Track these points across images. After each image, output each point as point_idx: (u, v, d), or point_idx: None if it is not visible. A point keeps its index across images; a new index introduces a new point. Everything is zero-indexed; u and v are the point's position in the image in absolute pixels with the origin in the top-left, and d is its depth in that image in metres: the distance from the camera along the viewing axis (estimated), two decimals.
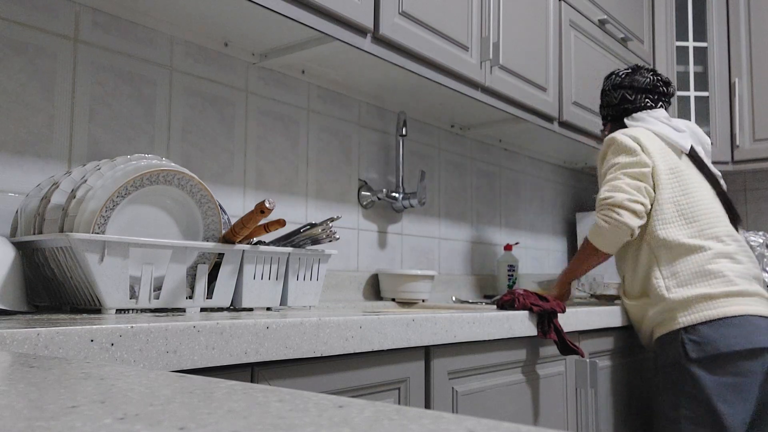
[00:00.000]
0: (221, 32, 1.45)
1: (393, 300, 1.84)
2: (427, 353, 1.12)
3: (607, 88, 1.87)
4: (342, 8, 1.36)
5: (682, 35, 2.80)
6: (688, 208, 1.64)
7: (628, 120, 1.80)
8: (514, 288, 1.79)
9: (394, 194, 1.89)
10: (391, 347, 1.00)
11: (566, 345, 1.36)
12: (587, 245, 1.67)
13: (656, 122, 1.76)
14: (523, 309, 1.33)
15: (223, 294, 1.08)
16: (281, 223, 1.10)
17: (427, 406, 1.11)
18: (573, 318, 1.46)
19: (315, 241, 1.21)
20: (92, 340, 0.66)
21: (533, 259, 2.66)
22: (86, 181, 0.98)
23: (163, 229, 1.04)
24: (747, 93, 2.75)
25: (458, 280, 2.22)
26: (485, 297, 2.28)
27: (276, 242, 1.21)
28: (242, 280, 1.10)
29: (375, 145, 1.95)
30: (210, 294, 1.07)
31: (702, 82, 2.78)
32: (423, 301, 1.84)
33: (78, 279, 0.94)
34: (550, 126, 2.12)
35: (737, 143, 2.74)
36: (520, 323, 1.29)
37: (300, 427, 0.26)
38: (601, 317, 1.59)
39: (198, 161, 1.47)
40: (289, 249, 1.17)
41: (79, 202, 0.96)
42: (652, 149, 1.68)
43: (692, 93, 2.77)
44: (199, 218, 1.07)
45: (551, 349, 1.43)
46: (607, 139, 1.72)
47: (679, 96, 2.78)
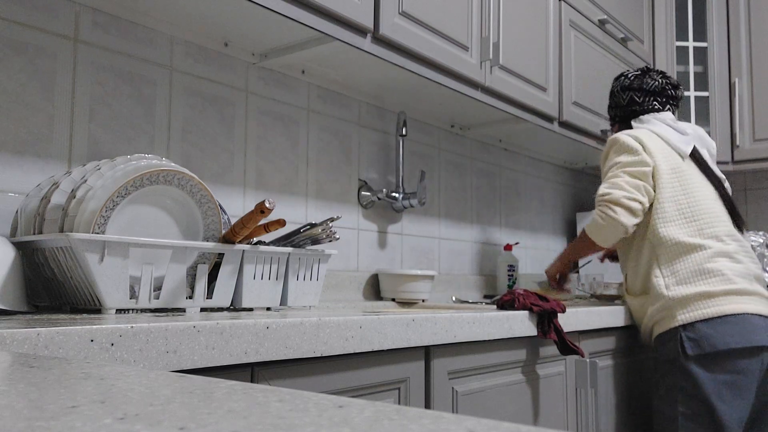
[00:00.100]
0: (221, 32, 1.45)
1: (393, 300, 1.84)
2: (427, 353, 1.12)
3: (616, 89, 1.89)
4: (342, 8, 1.36)
5: (682, 35, 2.80)
6: (689, 208, 1.66)
7: (635, 122, 1.83)
8: (514, 288, 1.79)
9: (394, 194, 1.89)
10: (391, 347, 1.00)
11: (566, 345, 1.36)
12: (584, 236, 1.71)
13: (660, 124, 1.78)
14: (523, 309, 1.33)
15: (223, 294, 1.08)
16: (281, 223, 1.10)
17: (427, 406, 1.11)
18: (573, 318, 1.46)
19: (315, 241, 1.21)
20: (92, 340, 0.66)
21: (533, 259, 2.66)
22: (86, 181, 0.98)
23: (163, 229, 1.04)
24: (747, 93, 2.75)
25: (458, 280, 2.22)
26: (485, 297, 2.28)
27: (276, 242, 1.21)
28: (242, 280, 1.10)
29: (375, 145, 1.95)
30: (210, 294, 1.07)
31: (702, 82, 2.78)
32: (423, 301, 1.84)
33: (78, 279, 0.94)
34: (550, 126, 2.12)
35: (737, 143, 2.74)
36: (520, 323, 1.29)
37: (300, 427, 0.26)
38: (601, 317, 1.59)
39: (198, 161, 1.47)
40: (289, 249, 1.17)
41: (79, 202, 0.96)
42: (654, 149, 1.70)
43: (692, 93, 2.77)
44: (199, 218, 1.07)
45: (551, 349, 1.43)
46: (610, 139, 1.75)
47: None
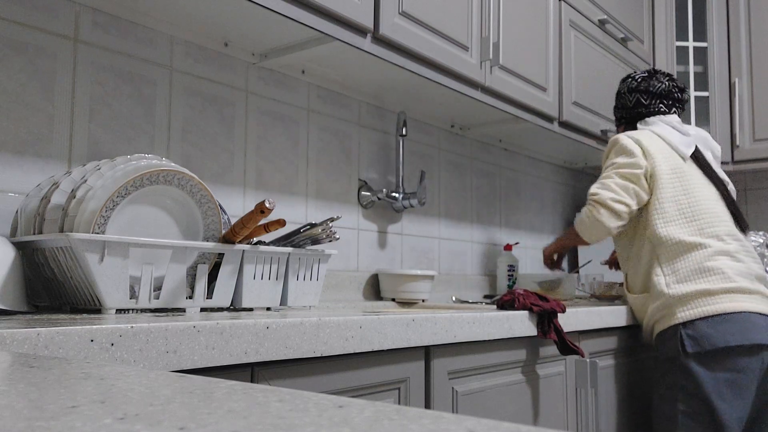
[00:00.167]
0: (221, 32, 1.45)
1: (393, 300, 1.84)
2: (427, 353, 1.12)
3: (623, 91, 1.90)
4: (342, 8, 1.36)
5: (682, 35, 2.80)
6: (689, 208, 1.67)
7: (640, 124, 1.85)
8: (514, 288, 1.79)
9: (394, 194, 1.89)
10: (391, 347, 1.00)
11: (566, 345, 1.36)
12: (573, 229, 1.79)
13: (663, 126, 1.79)
14: (523, 309, 1.33)
15: (223, 294, 1.08)
16: (281, 223, 1.10)
17: (427, 406, 1.11)
18: (573, 318, 1.46)
19: (315, 241, 1.21)
20: (92, 340, 0.66)
21: (533, 259, 2.66)
22: (86, 181, 0.98)
23: (163, 229, 1.04)
24: (747, 93, 2.75)
25: (458, 280, 2.22)
26: (485, 297, 2.28)
27: (276, 242, 1.21)
28: (242, 280, 1.10)
29: (375, 145, 1.95)
30: (210, 294, 1.07)
31: (702, 82, 2.78)
32: (423, 301, 1.84)
33: (78, 279, 0.94)
34: (550, 126, 2.12)
35: (737, 143, 2.74)
36: (520, 323, 1.29)
37: (300, 427, 0.26)
38: (601, 317, 1.59)
39: (198, 161, 1.47)
40: (289, 249, 1.17)
41: (79, 202, 0.96)
42: (654, 150, 1.71)
43: (692, 93, 2.77)
44: (199, 218, 1.07)
45: (551, 349, 1.43)
46: (611, 140, 1.78)
47: None
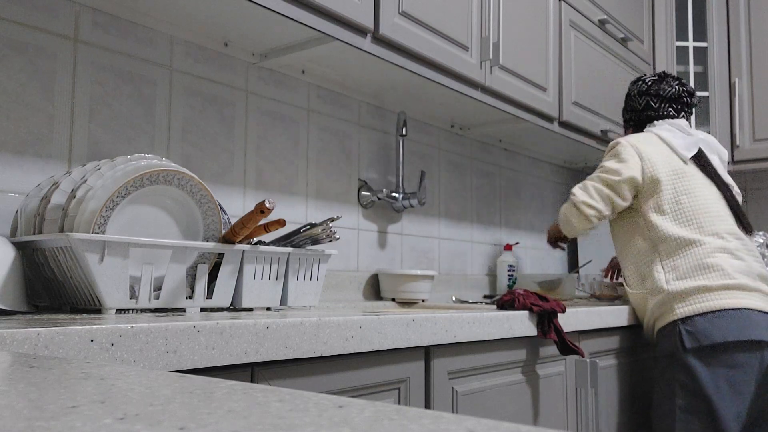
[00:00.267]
0: (221, 32, 1.45)
1: (393, 300, 1.84)
2: (427, 353, 1.11)
3: (633, 93, 1.92)
4: (342, 8, 1.36)
5: (682, 35, 2.80)
6: (689, 206, 1.69)
7: (647, 127, 1.86)
8: (514, 288, 1.79)
9: (394, 194, 1.89)
10: (391, 347, 1.00)
11: (566, 345, 1.36)
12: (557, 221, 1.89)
13: (667, 129, 1.81)
14: (523, 309, 1.33)
15: (223, 294, 1.08)
16: (281, 223, 1.10)
17: (427, 406, 1.11)
18: (573, 318, 1.46)
19: (315, 241, 1.21)
20: (92, 340, 0.66)
21: (533, 259, 2.66)
22: (86, 181, 0.98)
23: (163, 229, 1.04)
24: (747, 93, 2.75)
25: (458, 280, 2.22)
26: (485, 297, 2.28)
27: (276, 242, 1.21)
28: (242, 280, 1.10)
29: (375, 145, 1.94)
30: (210, 294, 1.07)
31: (702, 82, 2.78)
32: (423, 301, 1.84)
33: (78, 279, 0.94)
34: (550, 126, 2.12)
35: (737, 143, 2.74)
36: (520, 323, 1.29)
37: (300, 427, 0.26)
38: (601, 317, 1.59)
39: (198, 161, 1.47)
40: (289, 249, 1.17)
41: (79, 202, 0.96)
42: (654, 153, 1.73)
43: None
44: (199, 218, 1.07)
45: (551, 349, 1.43)
46: (611, 143, 1.80)
47: None
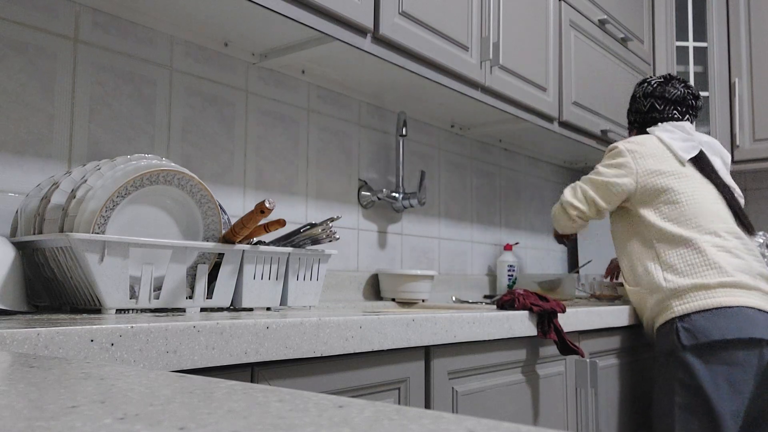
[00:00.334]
0: (221, 32, 1.45)
1: (393, 300, 1.84)
2: (427, 353, 1.11)
3: (638, 95, 1.93)
4: (342, 8, 1.36)
5: (682, 35, 2.80)
6: (686, 207, 1.70)
7: (651, 128, 1.87)
8: (514, 288, 1.79)
9: (394, 194, 1.89)
10: (391, 347, 1.00)
11: (566, 345, 1.36)
12: None
13: (668, 131, 1.82)
14: (523, 309, 1.33)
15: (223, 294, 1.08)
16: (281, 223, 1.10)
17: (427, 406, 1.11)
18: (573, 318, 1.46)
19: (315, 241, 1.21)
20: (92, 340, 0.66)
21: (533, 259, 2.66)
22: (86, 181, 0.98)
23: (163, 229, 1.04)
24: (747, 93, 2.75)
25: (458, 280, 2.22)
26: (485, 297, 2.28)
27: (276, 242, 1.21)
28: (242, 280, 1.10)
29: (375, 145, 1.94)
30: (210, 294, 1.07)
31: (702, 82, 2.78)
32: (423, 301, 1.84)
33: (78, 279, 0.94)
34: (550, 126, 2.12)
35: (737, 143, 2.74)
36: (520, 323, 1.29)
37: (300, 427, 0.26)
38: (601, 317, 1.59)
39: (198, 161, 1.47)
40: (289, 249, 1.17)
41: (79, 202, 0.96)
42: (651, 155, 1.75)
43: None
44: (199, 218, 1.07)
45: (551, 349, 1.43)
46: (611, 145, 1.82)
47: None
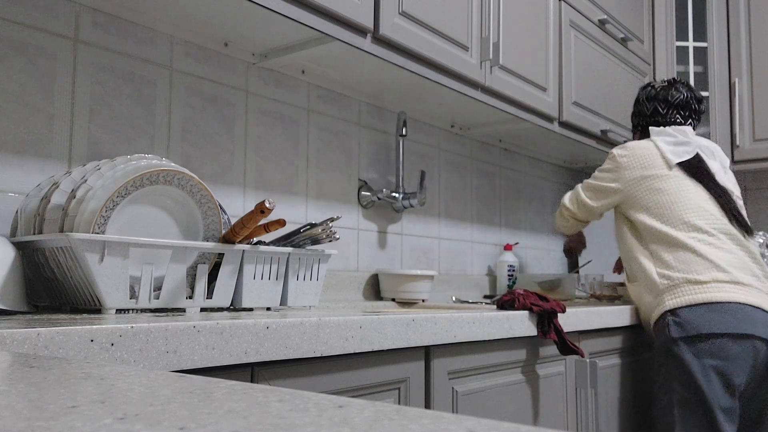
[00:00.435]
0: (221, 32, 1.45)
1: (393, 300, 1.84)
2: (427, 353, 1.11)
3: (642, 99, 1.96)
4: (342, 8, 1.36)
5: (682, 35, 2.80)
6: (675, 206, 1.73)
7: (652, 132, 1.89)
8: (514, 288, 1.79)
9: (394, 194, 1.89)
10: (391, 347, 1.00)
11: (566, 345, 1.36)
12: None
13: (666, 135, 1.84)
14: (523, 309, 1.33)
15: (223, 294, 1.08)
16: (281, 223, 1.10)
17: (427, 406, 1.11)
18: (573, 318, 1.46)
19: (315, 241, 1.21)
20: (92, 340, 0.66)
21: (533, 259, 2.66)
22: (86, 181, 0.98)
23: (163, 229, 1.04)
24: (747, 93, 2.74)
25: (458, 280, 2.22)
26: (485, 297, 2.28)
27: (276, 242, 1.21)
28: (242, 280, 1.10)
29: (375, 145, 1.94)
30: (210, 294, 1.07)
31: (702, 82, 2.78)
32: (423, 301, 1.84)
33: (78, 279, 0.94)
34: (550, 126, 2.12)
35: (737, 143, 2.74)
36: (520, 323, 1.29)
37: (300, 427, 0.26)
38: (601, 317, 1.59)
39: (198, 161, 1.47)
40: (289, 249, 1.17)
41: (79, 202, 0.96)
42: (642, 158, 1.79)
43: None
44: (199, 218, 1.07)
45: (551, 349, 1.43)
46: (610, 152, 1.87)
47: None
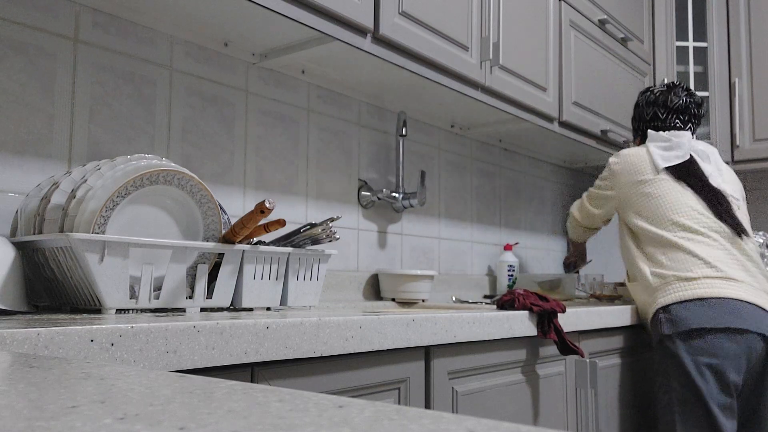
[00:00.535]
0: (221, 32, 1.45)
1: (393, 300, 1.83)
2: (427, 353, 1.11)
3: (641, 104, 1.97)
4: (342, 8, 1.36)
5: (682, 35, 2.80)
6: (664, 208, 1.75)
7: (647, 140, 1.91)
8: (514, 288, 1.79)
9: (394, 194, 1.89)
10: (391, 347, 1.00)
11: (566, 345, 1.36)
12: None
13: (660, 141, 1.86)
14: (523, 309, 1.33)
15: (223, 294, 1.08)
16: (281, 223, 1.10)
17: (427, 406, 1.11)
18: (573, 318, 1.46)
19: (315, 241, 1.21)
20: (92, 340, 0.66)
21: (533, 259, 2.66)
22: (86, 181, 0.98)
23: (163, 229, 1.04)
24: (747, 93, 2.74)
25: (458, 280, 2.22)
26: (485, 297, 2.28)
27: (276, 242, 1.21)
28: (242, 280, 1.10)
29: (375, 145, 1.94)
30: (210, 294, 1.07)
31: (702, 82, 2.78)
32: (423, 301, 1.84)
33: (78, 279, 0.94)
34: (550, 126, 2.12)
35: (737, 143, 2.74)
36: (520, 323, 1.29)
37: (300, 427, 0.26)
38: (601, 317, 1.59)
39: (198, 161, 1.47)
40: (289, 249, 1.17)
41: (79, 202, 0.96)
42: (633, 164, 1.83)
43: None
44: (199, 218, 1.07)
45: (551, 349, 1.43)
46: (609, 159, 1.94)
47: None
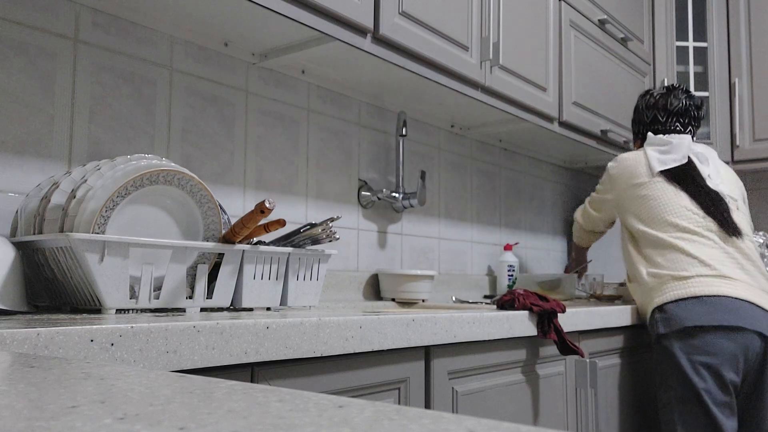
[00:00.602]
0: (221, 32, 1.45)
1: (393, 300, 1.83)
2: (427, 353, 1.11)
3: (641, 107, 1.98)
4: (342, 8, 1.36)
5: (682, 35, 2.80)
6: (659, 209, 1.76)
7: (645, 144, 1.92)
8: (514, 288, 1.79)
9: (394, 194, 1.89)
10: (391, 347, 1.00)
11: (566, 345, 1.36)
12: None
13: (666, 142, 1.87)
14: (523, 309, 1.33)
15: (223, 294, 1.08)
16: (281, 223, 1.10)
17: (427, 406, 1.11)
18: (573, 318, 1.46)
19: (315, 241, 1.21)
20: (92, 340, 0.66)
21: (533, 259, 2.66)
22: (86, 181, 0.98)
23: (163, 229, 1.04)
24: (747, 93, 2.74)
25: (458, 280, 2.22)
26: (485, 297, 2.28)
27: (276, 242, 1.21)
28: (242, 280, 1.10)
29: (375, 145, 1.94)
30: (210, 294, 1.07)
31: (702, 82, 2.78)
32: (423, 301, 1.84)
33: (78, 279, 0.94)
34: (550, 126, 2.12)
35: (737, 143, 2.74)
36: (520, 323, 1.29)
37: (300, 427, 0.26)
38: (601, 317, 1.59)
39: (198, 161, 1.47)
40: (289, 249, 1.17)
41: (79, 202, 0.96)
42: (629, 169, 1.85)
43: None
44: (199, 218, 1.07)
45: (551, 349, 1.43)
46: (609, 163, 1.94)
47: None
